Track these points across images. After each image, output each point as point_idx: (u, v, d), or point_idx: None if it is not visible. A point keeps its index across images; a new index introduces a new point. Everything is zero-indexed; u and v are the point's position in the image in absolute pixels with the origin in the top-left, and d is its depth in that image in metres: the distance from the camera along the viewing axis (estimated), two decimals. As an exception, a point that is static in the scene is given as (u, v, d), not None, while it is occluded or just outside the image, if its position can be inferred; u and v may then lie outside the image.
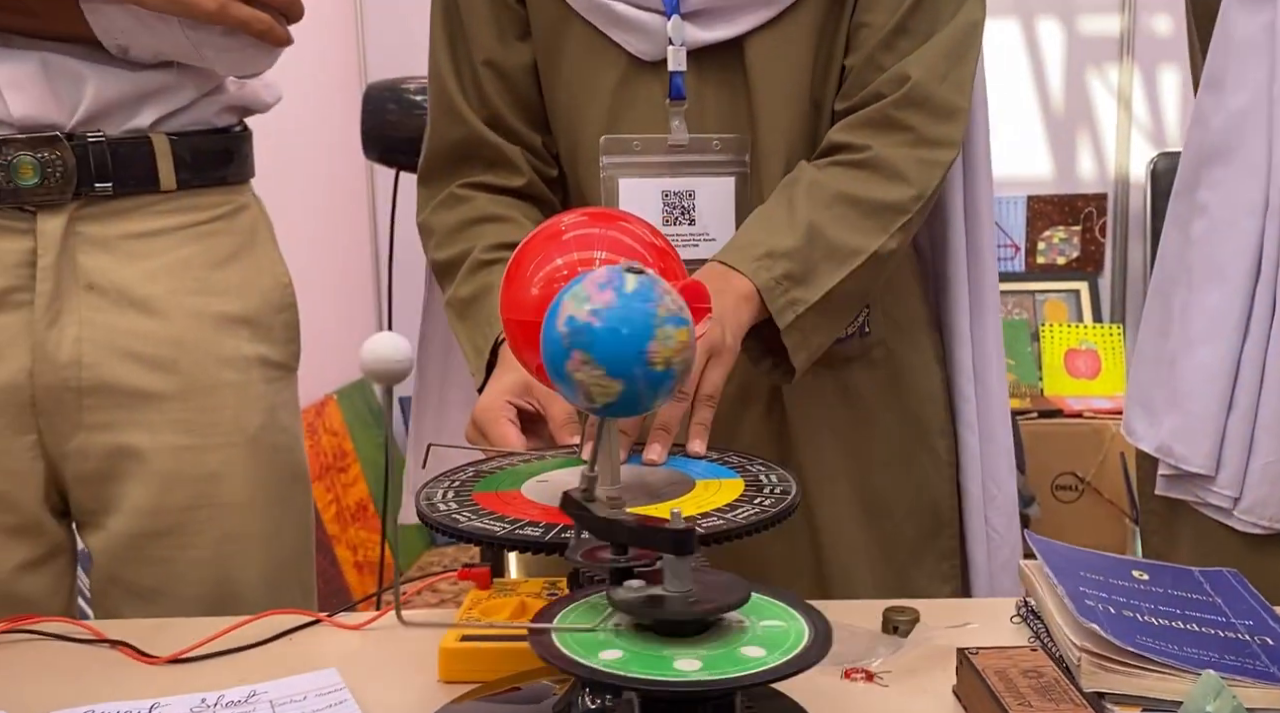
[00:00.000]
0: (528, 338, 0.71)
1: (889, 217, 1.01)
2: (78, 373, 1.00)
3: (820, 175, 1.00)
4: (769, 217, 0.98)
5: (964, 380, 1.16)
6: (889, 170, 1.01)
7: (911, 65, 1.02)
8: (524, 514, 0.68)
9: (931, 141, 1.02)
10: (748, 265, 0.92)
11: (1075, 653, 0.80)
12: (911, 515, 1.15)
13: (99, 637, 0.93)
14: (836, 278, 0.97)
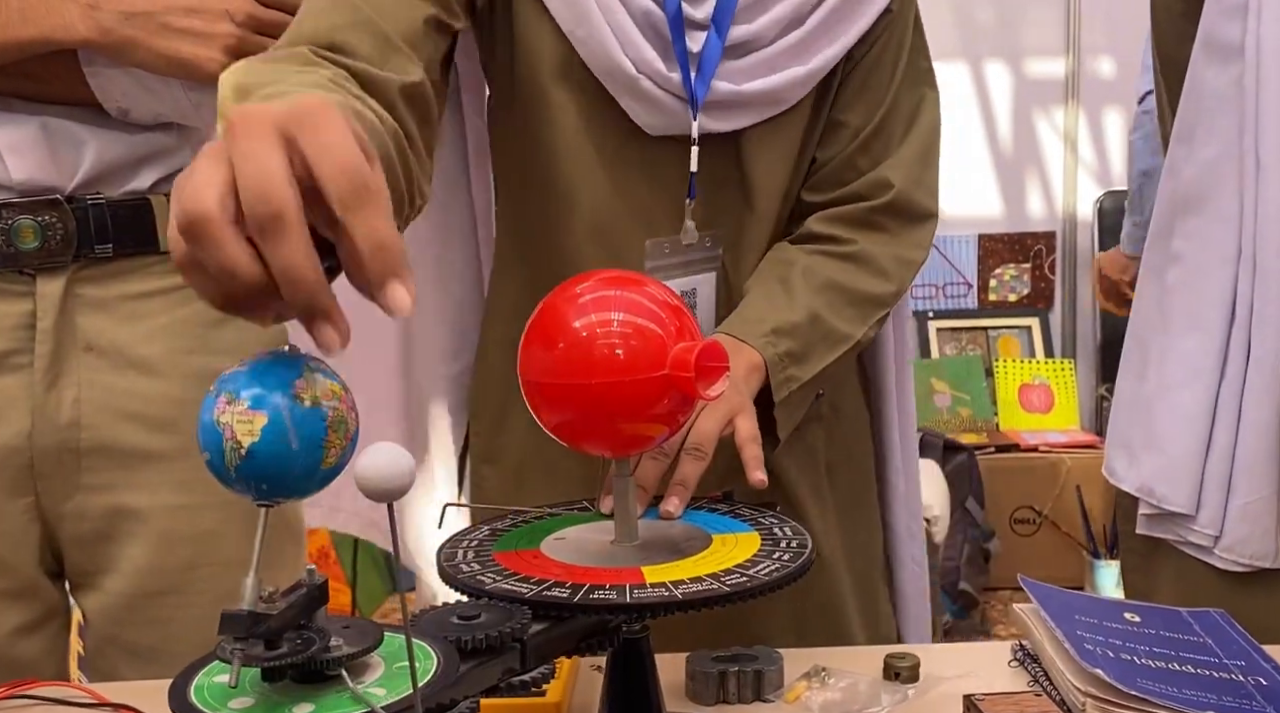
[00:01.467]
0: (546, 399, 0.72)
1: (871, 308, 1.05)
2: (77, 434, 1.00)
3: (811, 262, 1.04)
4: (769, 295, 1.01)
5: (891, 430, 1.20)
6: (874, 266, 1.05)
7: (891, 171, 1.06)
8: (548, 574, 0.69)
9: (909, 243, 1.07)
10: (756, 340, 0.95)
11: (1080, 698, 0.82)
12: (872, 558, 1.18)
13: (102, 701, 0.92)
14: (827, 360, 1.01)
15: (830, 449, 1.13)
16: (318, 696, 0.54)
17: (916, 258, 1.07)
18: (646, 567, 0.70)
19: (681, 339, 0.70)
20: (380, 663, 0.58)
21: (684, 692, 0.91)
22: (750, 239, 1.05)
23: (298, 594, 0.55)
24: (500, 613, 0.63)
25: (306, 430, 0.52)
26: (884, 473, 1.21)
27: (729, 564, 0.70)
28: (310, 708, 0.53)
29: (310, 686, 0.55)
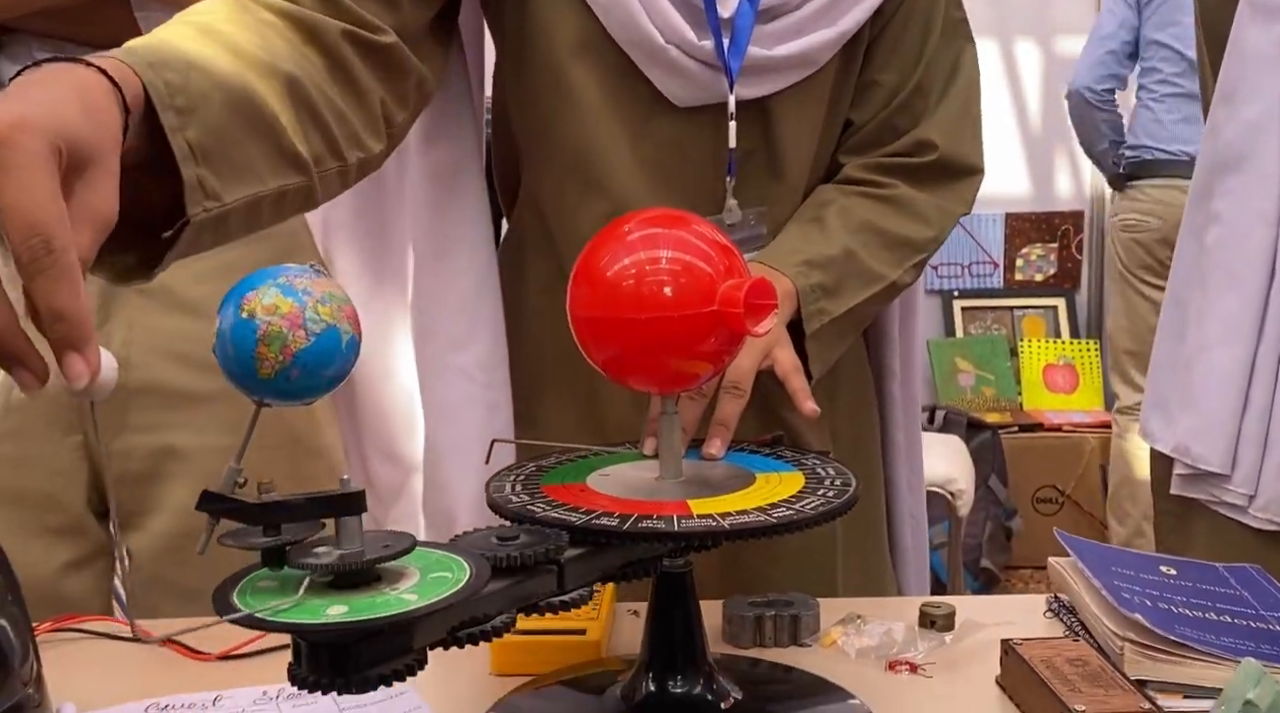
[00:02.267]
0: (595, 335, 0.72)
1: (908, 252, 1.05)
2: (126, 374, 1.01)
3: (848, 202, 1.03)
4: (803, 231, 1.01)
5: (893, 384, 1.20)
6: (913, 211, 1.05)
7: (933, 130, 1.05)
8: (596, 505, 0.70)
9: (950, 194, 1.07)
10: (791, 269, 0.95)
11: (1118, 643, 0.82)
12: (867, 515, 1.18)
13: (148, 635, 0.94)
14: (859, 297, 1.01)
15: (836, 407, 1.13)
16: (352, 598, 0.56)
17: (959, 211, 1.07)
18: (692, 500, 0.71)
19: (730, 277, 0.70)
20: (416, 573, 0.60)
21: (721, 635, 0.92)
22: (780, 211, 1.03)
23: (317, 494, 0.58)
24: (539, 536, 0.64)
25: (236, 341, 0.58)
26: (885, 427, 1.21)
27: (774, 499, 0.71)
28: (344, 608, 0.55)
29: (348, 590, 0.58)
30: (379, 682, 0.56)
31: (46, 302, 0.53)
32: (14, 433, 1.01)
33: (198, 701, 0.81)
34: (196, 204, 0.69)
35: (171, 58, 0.69)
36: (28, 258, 0.52)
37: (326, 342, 0.58)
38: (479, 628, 0.61)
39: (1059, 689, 0.74)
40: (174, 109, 0.67)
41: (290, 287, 0.58)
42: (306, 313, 0.57)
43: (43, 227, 0.52)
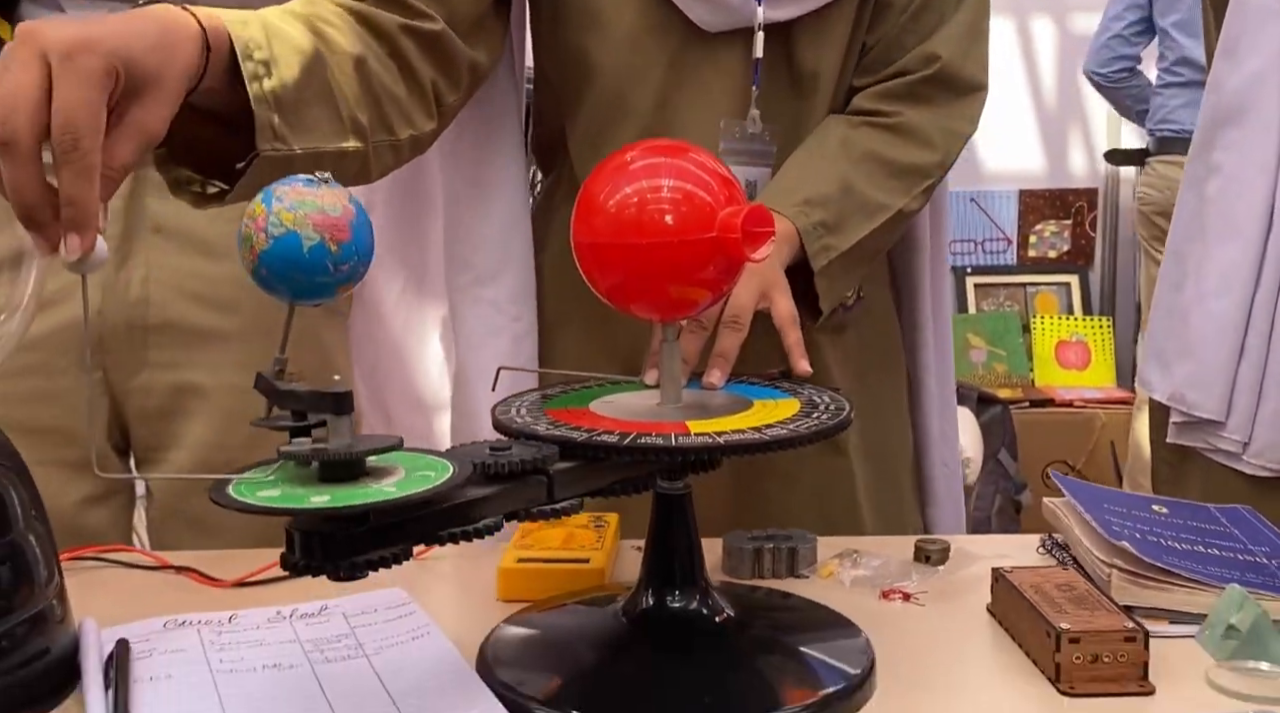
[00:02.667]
0: (599, 261, 0.75)
1: (914, 178, 1.07)
2: (144, 311, 1.04)
3: (852, 133, 1.05)
4: (803, 166, 1.03)
5: (924, 330, 1.22)
6: (917, 136, 1.07)
7: (939, 44, 1.07)
8: (598, 425, 0.72)
9: (955, 114, 1.09)
10: (790, 210, 0.97)
11: (1105, 570, 0.85)
12: (895, 459, 1.20)
13: (164, 564, 0.97)
14: (864, 230, 1.03)
15: (861, 352, 1.15)
16: (337, 490, 0.60)
17: (964, 130, 1.09)
18: (691, 421, 0.73)
19: (730, 206, 0.72)
20: (402, 470, 0.64)
21: (720, 567, 0.94)
22: (806, 132, 1.06)
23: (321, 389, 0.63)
24: (531, 449, 0.67)
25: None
26: (917, 374, 1.23)
27: (770, 420, 0.73)
28: (326, 498, 0.59)
29: (334, 483, 0.61)
30: (363, 569, 0.60)
31: (65, 188, 0.63)
32: (35, 368, 1.03)
33: (213, 618, 0.84)
34: (266, 142, 0.80)
35: (255, 23, 0.80)
36: (59, 150, 0.63)
37: (284, 245, 0.62)
38: (464, 529, 0.64)
39: (1046, 611, 0.76)
40: (253, 60, 0.78)
41: (270, 193, 0.63)
42: (269, 218, 0.62)
43: (75, 128, 0.63)
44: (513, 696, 0.70)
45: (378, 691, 0.72)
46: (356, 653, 0.78)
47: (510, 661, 0.75)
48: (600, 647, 0.76)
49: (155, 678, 0.74)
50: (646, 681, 0.72)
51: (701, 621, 0.76)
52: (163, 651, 0.78)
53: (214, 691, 0.73)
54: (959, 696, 0.74)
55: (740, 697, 0.70)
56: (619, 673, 0.73)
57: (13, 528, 0.74)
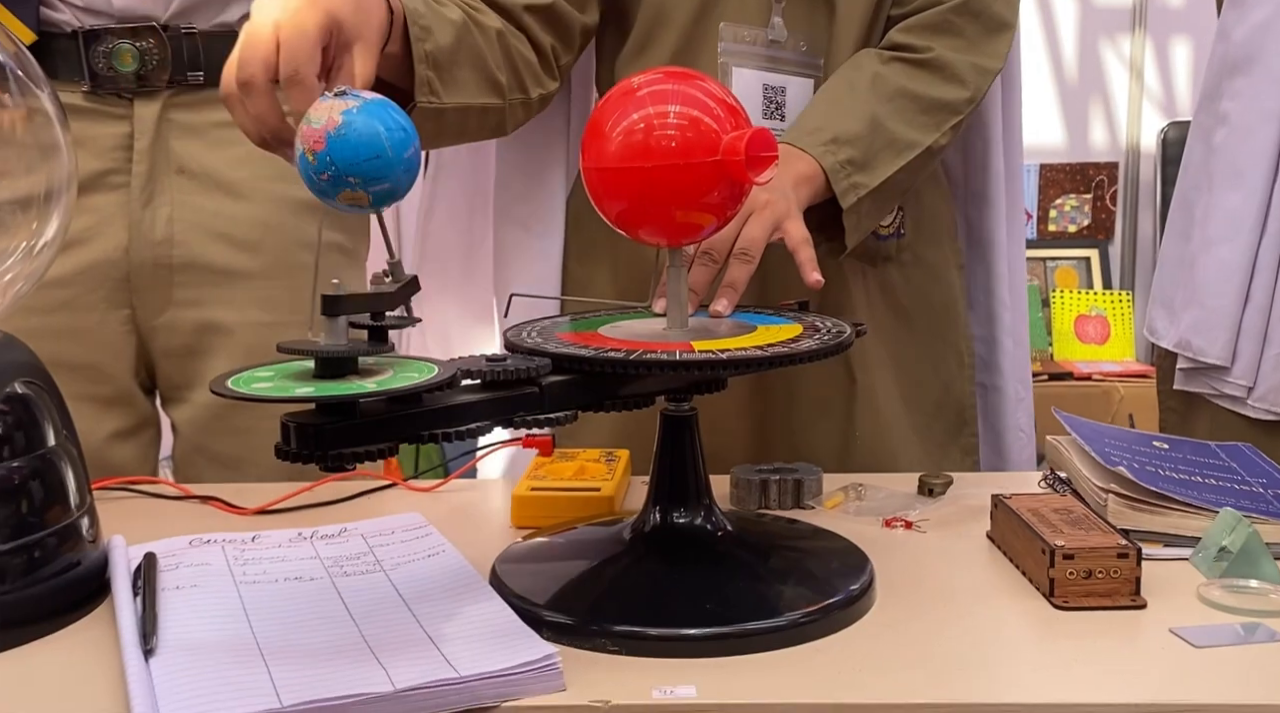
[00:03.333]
0: (607, 186, 0.77)
1: (944, 114, 1.09)
2: (169, 251, 1.07)
3: (883, 69, 1.07)
4: (832, 102, 1.05)
5: (1002, 288, 1.23)
6: (947, 72, 1.08)
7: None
8: (606, 345, 0.74)
9: (984, 50, 1.11)
10: (816, 149, 1.00)
11: (1102, 496, 0.86)
12: (940, 412, 1.22)
13: (189, 494, 1.00)
14: (893, 168, 1.05)
15: (906, 293, 1.17)
16: (323, 385, 0.65)
17: (993, 66, 1.11)
18: (696, 342, 0.75)
19: (734, 131, 0.74)
20: (390, 372, 0.68)
21: (728, 500, 0.97)
22: (843, 51, 1.08)
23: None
24: (525, 361, 0.71)
25: None
26: (993, 334, 1.24)
27: (772, 341, 0.75)
28: (309, 390, 0.64)
29: (325, 380, 0.66)
30: (349, 460, 0.64)
31: (291, 105, 0.76)
32: (64, 305, 1.07)
33: (237, 538, 0.87)
34: (423, 96, 0.92)
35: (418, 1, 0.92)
36: (284, 78, 0.76)
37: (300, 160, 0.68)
38: (449, 430, 0.67)
39: (1042, 531, 0.78)
40: (418, 25, 0.90)
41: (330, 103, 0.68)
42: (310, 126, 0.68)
43: (295, 60, 0.76)
44: (524, 604, 0.73)
45: (394, 599, 0.75)
46: (374, 568, 0.81)
47: (521, 574, 0.77)
48: (607, 560, 0.79)
49: (181, 587, 0.77)
50: (652, 590, 0.74)
51: (706, 536, 0.78)
52: (188, 564, 0.81)
53: (238, 599, 0.76)
54: (955, 610, 0.76)
55: (741, 604, 0.72)
56: (624, 583, 0.76)
57: (45, 445, 0.77)
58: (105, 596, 0.79)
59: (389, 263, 0.70)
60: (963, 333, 1.23)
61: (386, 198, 0.68)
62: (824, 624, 0.71)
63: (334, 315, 0.67)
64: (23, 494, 0.75)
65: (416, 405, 0.67)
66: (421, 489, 1.02)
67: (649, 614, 0.70)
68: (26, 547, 0.74)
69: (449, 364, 0.70)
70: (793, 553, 0.81)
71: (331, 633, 0.71)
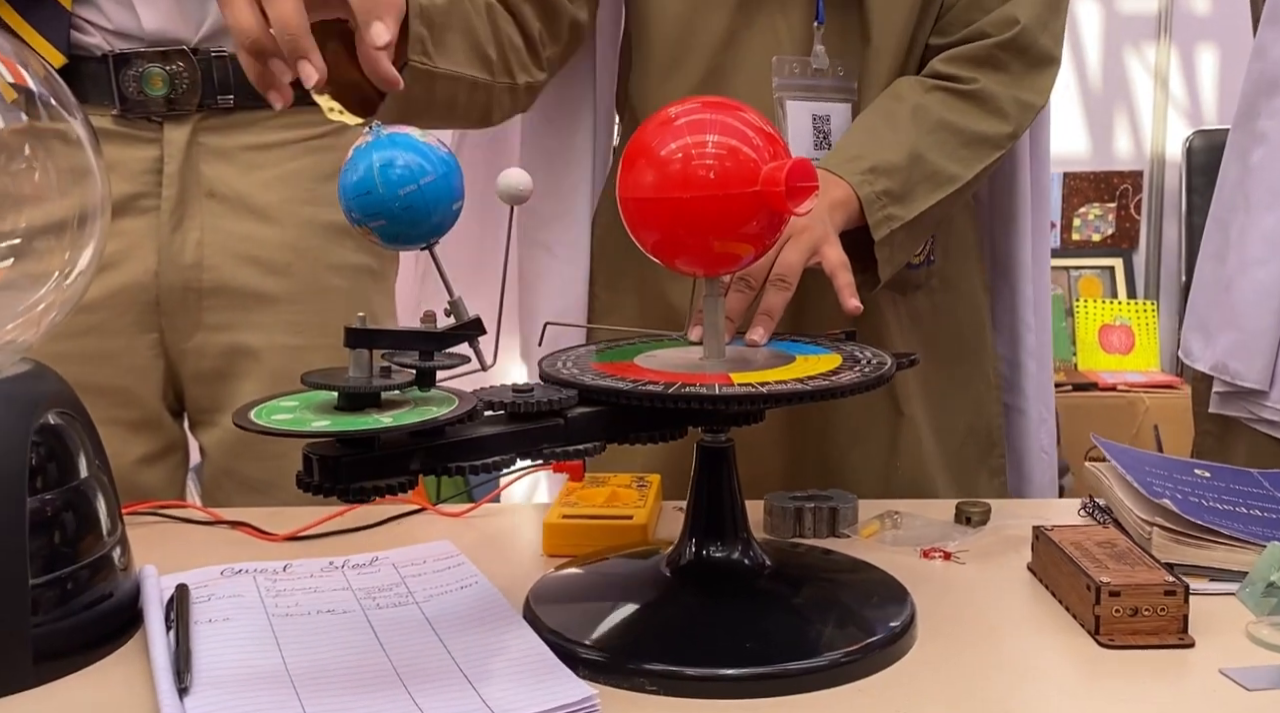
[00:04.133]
0: (644, 216, 0.76)
1: (985, 149, 1.07)
2: (199, 275, 1.07)
3: (925, 99, 1.05)
4: (873, 130, 1.03)
5: (1027, 310, 1.21)
6: (991, 105, 1.06)
7: (1019, 9, 1.07)
8: (643, 376, 0.73)
9: (1029, 86, 1.09)
10: (853, 177, 0.98)
11: (1146, 529, 0.85)
12: (971, 434, 1.20)
13: (219, 519, 1.00)
14: (931, 201, 1.03)
15: (936, 317, 1.16)
16: (342, 418, 0.64)
17: (1037, 102, 1.09)
18: (734, 374, 0.74)
19: (773, 161, 0.73)
20: (409, 405, 0.67)
21: (762, 528, 0.95)
22: (877, 78, 1.07)
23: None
24: (552, 392, 0.70)
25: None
26: (1016, 356, 1.22)
27: (811, 373, 0.74)
28: (326, 424, 0.63)
29: (346, 413, 0.65)
30: (369, 494, 0.64)
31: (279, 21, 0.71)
32: (94, 329, 1.06)
33: (269, 567, 0.86)
34: (415, 54, 0.88)
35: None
36: None
37: None
38: (471, 463, 0.67)
39: (1086, 566, 0.77)
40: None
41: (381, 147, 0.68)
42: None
43: None
44: (558, 640, 0.72)
45: (428, 634, 0.74)
46: (407, 600, 0.80)
47: (555, 608, 0.77)
48: (643, 595, 0.78)
49: (214, 620, 0.76)
50: (690, 627, 0.73)
51: (744, 571, 0.77)
52: (221, 595, 0.80)
53: (271, 633, 0.75)
54: (998, 647, 0.75)
55: (781, 643, 0.71)
56: (663, 619, 0.75)
57: (77, 476, 0.77)
58: (138, 627, 0.78)
59: (449, 302, 0.68)
60: (990, 353, 1.22)
61: (390, 236, 0.67)
62: (866, 664, 0.70)
63: (356, 347, 0.66)
64: (56, 526, 0.74)
65: (439, 438, 0.66)
66: (450, 514, 1.01)
67: (687, 653, 0.69)
68: (60, 580, 0.73)
69: (471, 396, 0.69)
70: (832, 588, 0.79)
71: (366, 670, 0.70)
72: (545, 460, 0.71)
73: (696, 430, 0.79)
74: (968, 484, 1.19)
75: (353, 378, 0.66)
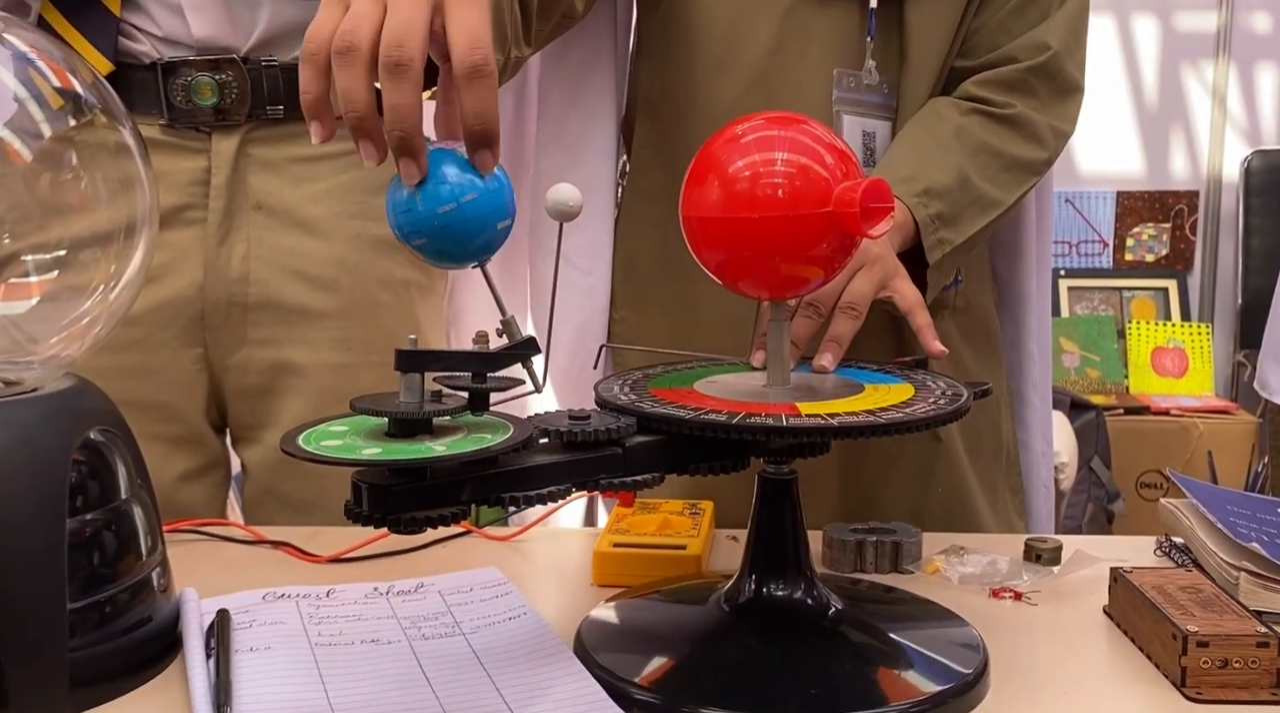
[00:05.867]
0: (708, 236, 0.73)
1: (1025, 174, 1.05)
2: (245, 289, 1.04)
3: (964, 121, 1.03)
4: (921, 150, 1.00)
5: (1030, 340, 1.20)
6: (1028, 130, 1.04)
7: (1049, 34, 1.05)
8: (704, 404, 0.70)
9: (1059, 113, 1.07)
10: (910, 199, 0.95)
11: (1233, 574, 0.80)
12: (995, 456, 1.18)
13: (261, 539, 0.97)
14: (977, 226, 1.01)
15: (960, 338, 1.13)
16: (393, 445, 0.62)
17: (1067, 130, 1.07)
18: (800, 403, 0.71)
19: (846, 180, 0.70)
20: (463, 431, 0.64)
21: (821, 560, 0.92)
22: (913, 97, 1.04)
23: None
24: (610, 420, 0.67)
25: None
26: (1020, 387, 1.20)
27: (884, 404, 0.70)
28: (377, 451, 0.60)
29: (398, 439, 0.63)
30: (421, 524, 0.61)
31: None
32: (136, 343, 1.04)
33: (312, 592, 0.83)
34: None
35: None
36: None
37: None
38: (526, 493, 0.64)
39: (1170, 613, 0.73)
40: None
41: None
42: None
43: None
44: (611, 679, 0.68)
45: (475, 668, 0.71)
46: (454, 631, 0.77)
47: (608, 644, 0.73)
48: (702, 634, 0.74)
49: (255, 649, 0.74)
50: (750, 670, 0.69)
51: (807, 611, 0.73)
52: (262, 622, 0.78)
53: (313, 663, 0.72)
54: (1077, 698, 0.70)
55: (848, 691, 0.67)
56: (721, 661, 0.71)
57: (118, 495, 0.74)
58: (176, 652, 0.75)
59: (501, 321, 0.66)
60: (1003, 371, 1.19)
61: (434, 254, 0.65)
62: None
63: (409, 371, 0.63)
64: (95, 547, 0.72)
65: (492, 467, 0.63)
66: (497, 538, 0.98)
67: (747, 697, 0.66)
68: (98, 603, 0.71)
69: (526, 422, 0.66)
70: (900, 631, 0.75)
71: (411, 705, 0.67)
72: (601, 490, 0.68)
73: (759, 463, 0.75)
74: (1000, 508, 1.16)
75: (404, 403, 0.63)
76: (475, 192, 0.64)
